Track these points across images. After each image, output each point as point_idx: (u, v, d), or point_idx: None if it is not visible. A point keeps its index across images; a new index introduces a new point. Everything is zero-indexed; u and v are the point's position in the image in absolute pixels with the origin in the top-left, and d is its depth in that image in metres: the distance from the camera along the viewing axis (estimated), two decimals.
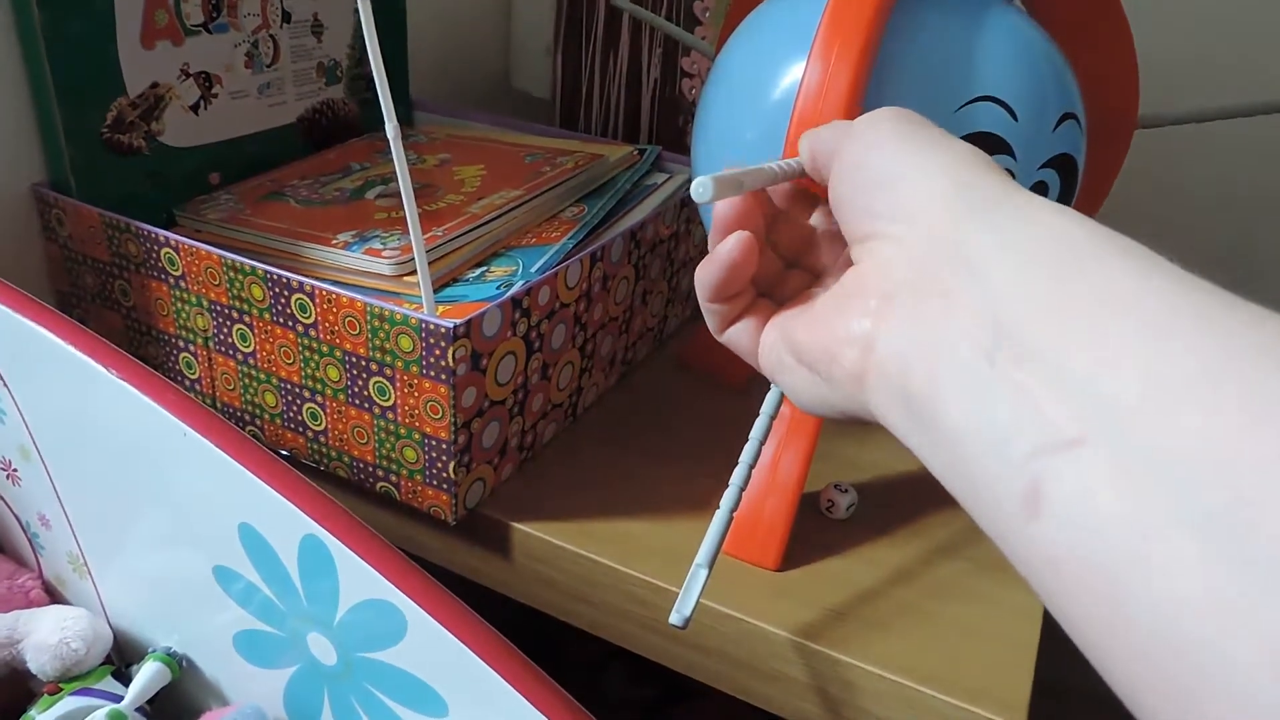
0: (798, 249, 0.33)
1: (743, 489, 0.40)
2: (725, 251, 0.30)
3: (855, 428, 0.55)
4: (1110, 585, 0.18)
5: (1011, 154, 0.40)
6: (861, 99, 0.38)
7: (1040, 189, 0.42)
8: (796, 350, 0.29)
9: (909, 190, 0.26)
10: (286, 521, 0.34)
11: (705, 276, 0.31)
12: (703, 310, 0.33)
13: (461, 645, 0.32)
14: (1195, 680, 0.16)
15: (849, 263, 0.28)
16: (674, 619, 0.37)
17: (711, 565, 0.38)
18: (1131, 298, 0.20)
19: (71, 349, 0.37)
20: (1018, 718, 0.39)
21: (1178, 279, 0.20)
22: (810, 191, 0.33)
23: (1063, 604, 0.19)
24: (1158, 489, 0.17)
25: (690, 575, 0.38)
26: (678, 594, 0.38)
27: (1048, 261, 0.21)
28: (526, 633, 0.33)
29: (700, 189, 0.28)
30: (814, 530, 0.49)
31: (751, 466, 0.40)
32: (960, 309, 0.22)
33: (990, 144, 0.40)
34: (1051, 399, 0.19)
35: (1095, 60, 0.48)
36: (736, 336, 0.33)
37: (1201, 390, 0.17)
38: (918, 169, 0.26)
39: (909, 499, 0.52)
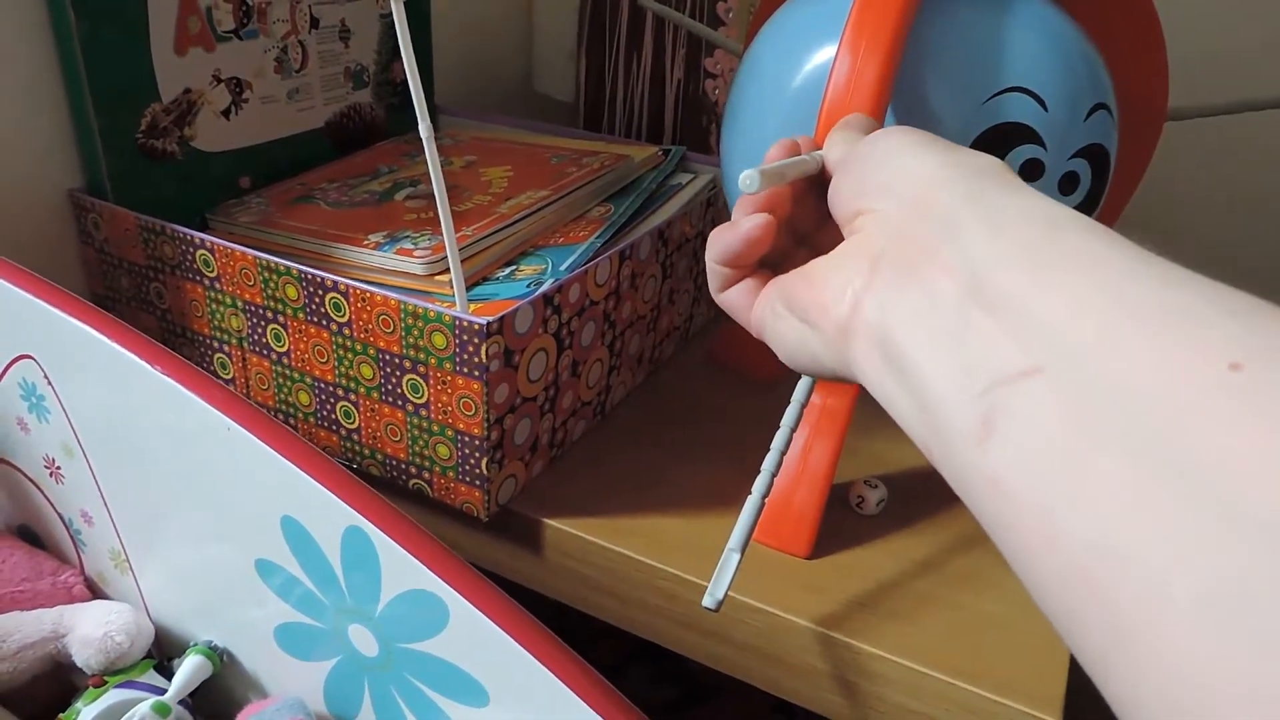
0: (808, 228, 0.35)
1: (774, 475, 0.40)
2: (747, 227, 0.32)
3: (885, 424, 0.55)
4: (1049, 501, 0.19)
5: (1041, 144, 0.41)
6: (890, 91, 0.38)
7: (1071, 179, 0.42)
8: (790, 301, 0.31)
9: (895, 168, 0.28)
10: (330, 513, 0.35)
11: (721, 243, 0.33)
12: (708, 268, 0.35)
13: (504, 634, 0.32)
14: (1119, 591, 0.17)
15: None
16: (707, 601, 0.37)
17: (744, 550, 0.38)
18: (1094, 258, 0.21)
19: (117, 346, 0.38)
20: (1052, 710, 0.39)
21: (1144, 254, 0.21)
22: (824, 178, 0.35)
23: (1003, 529, 0.20)
24: (1100, 414, 0.18)
25: (723, 559, 0.38)
26: (707, 588, 0.38)
27: (1025, 228, 0.23)
28: None
29: (748, 180, 0.30)
30: (843, 524, 0.49)
31: (783, 453, 0.40)
32: (938, 265, 0.24)
33: (1020, 134, 0.40)
34: (1011, 339, 0.21)
35: (1124, 52, 0.48)
36: (733, 297, 0.34)
37: (1155, 330, 0.18)
38: (907, 153, 0.28)
39: (938, 493, 0.51)
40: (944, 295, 0.23)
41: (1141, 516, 0.17)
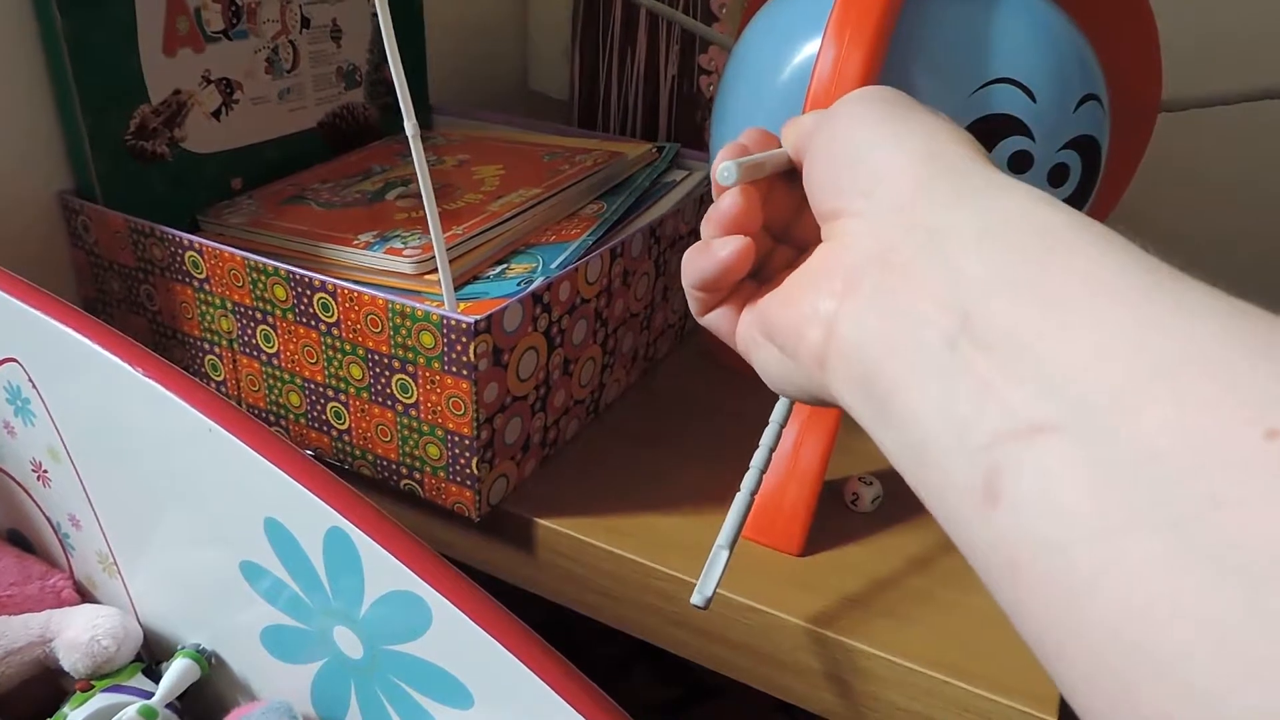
0: (785, 223, 0.33)
1: (763, 470, 0.39)
2: (724, 255, 0.29)
3: None
4: (1069, 586, 0.17)
5: (1030, 135, 0.40)
6: (875, 83, 0.38)
7: (1061, 171, 0.42)
8: (766, 328, 0.29)
9: (875, 163, 0.25)
10: (311, 515, 0.34)
11: (697, 270, 0.30)
12: (686, 293, 0.32)
13: (486, 635, 0.32)
14: (1160, 692, 0.15)
15: (820, 240, 0.28)
16: (695, 599, 0.37)
17: (732, 546, 0.38)
18: (1102, 284, 0.19)
19: (99, 349, 0.38)
20: (1048, 709, 0.39)
21: (1152, 267, 0.19)
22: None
23: (1016, 603, 0.19)
24: (1126, 486, 0.16)
25: (711, 556, 0.38)
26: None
27: (1016, 243, 0.20)
28: (547, 633, 0.33)
29: (725, 173, 0.28)
30: (837, 521, 0.48)
31: (772, 449, 0.40)
32: (923, 291, 0.21)
33: (1008, 126, 0.40)
34: (1015, 386, 0.19)
35: (1116, 42, 0.48)
36: (717, 320, 0.32)
37: (1177, 382, 0.16)
38: (886, 142, 0.25)
39: None
40: (931, 326, 0.21)
41: (1189, 621, 0.15)
